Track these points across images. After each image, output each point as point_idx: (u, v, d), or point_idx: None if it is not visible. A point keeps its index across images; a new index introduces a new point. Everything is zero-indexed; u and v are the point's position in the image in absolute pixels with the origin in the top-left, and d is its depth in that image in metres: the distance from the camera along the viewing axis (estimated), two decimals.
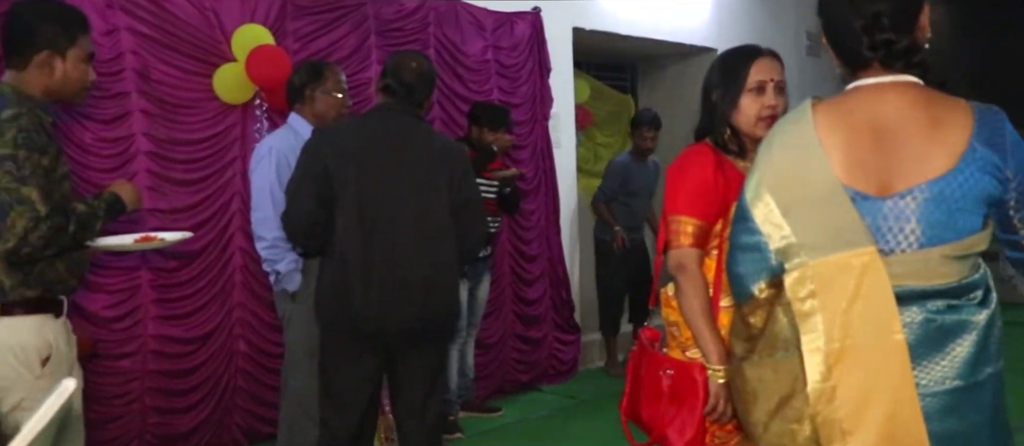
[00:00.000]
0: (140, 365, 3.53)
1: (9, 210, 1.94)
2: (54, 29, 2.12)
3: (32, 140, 1.99)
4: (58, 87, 2.15)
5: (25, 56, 2.11)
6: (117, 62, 3.41)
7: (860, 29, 1.51)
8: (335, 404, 2.67)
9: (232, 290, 3.78)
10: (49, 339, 2.11)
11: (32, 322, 2.08)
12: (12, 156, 1.96)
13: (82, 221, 2.08)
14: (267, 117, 3.71)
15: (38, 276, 2.07)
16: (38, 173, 1.98)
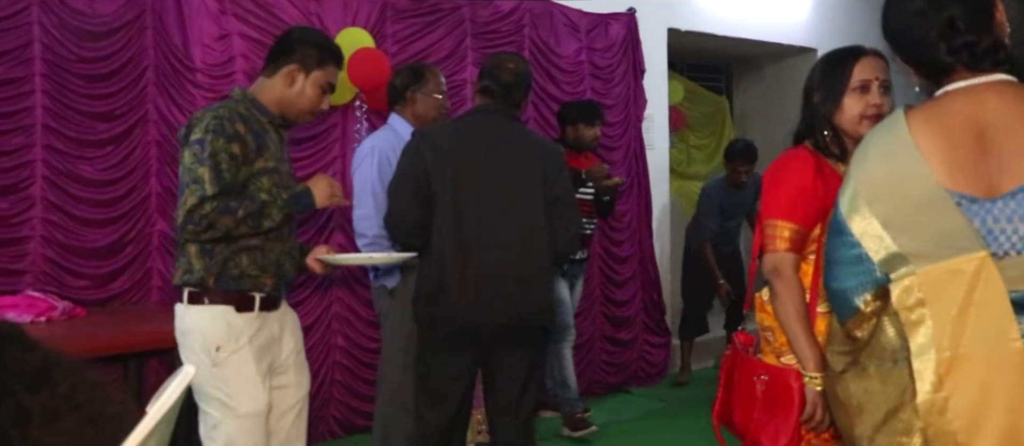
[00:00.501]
0: None
1: (185, 188, 2.11)
2: (310, 50, 2.31)
3: (223, 127, 2.13)
4: (291, 101, 2.31)
5: (277, 65, 2.31)
6: (229, 65, 3.58)
7: (936, 37, 1.46)
8: (430, 398, 2.73)
9: (331, 285, 3.91)
10: (225, 330, 2.20)
11: (213, 312, 2.20)
12: (201, 140, 2.12)
13: (256, 209, 2.15)
14: (366, 118, 3.82)
15: (221, 265, 2.19)
16: (218, 157, 2.10)
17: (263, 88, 2.33)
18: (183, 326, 2.26)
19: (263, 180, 2.22)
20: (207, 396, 2.22)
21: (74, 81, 3.29)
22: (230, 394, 2.21)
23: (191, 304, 2.22)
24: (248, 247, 2.21)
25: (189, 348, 2.24)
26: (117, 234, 3.44)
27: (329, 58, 2.36)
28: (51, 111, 3.26)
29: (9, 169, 3.20)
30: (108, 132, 3.39)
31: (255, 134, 2.21)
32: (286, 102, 2.32)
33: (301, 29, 2.49)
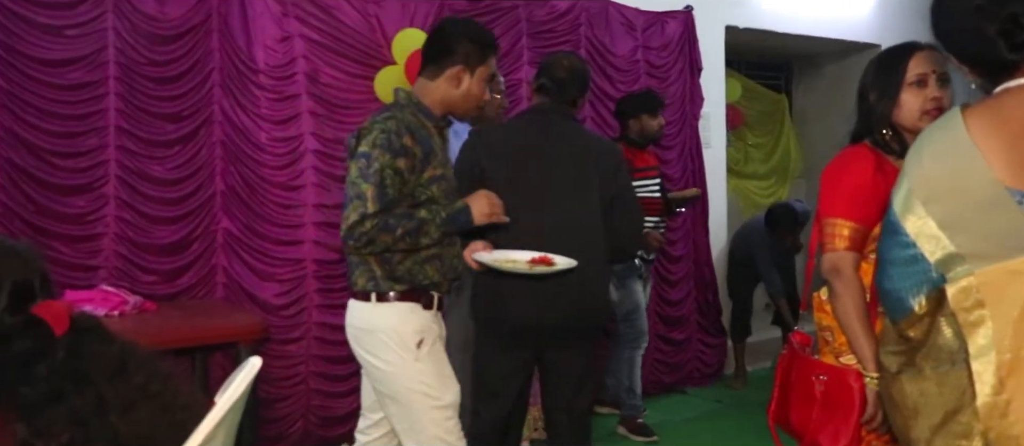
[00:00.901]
0: (305, 350, 3.78)
1: (348, 203, 2.14)
2: (471, 47, 2.30)
3: (390, 142, 2.14)
4: (458, 101, 2.33)
5: (441, 66, 2.30)
6: (290, 66, 3.67)
7: (996, 34, 1.42)
8: (486, 394, 2.77)
9: None
10: (419, 325, 2.26)
11: (402, 308, 2.25)
12: (367, 154, 2.14)
13: (414, 227, 2.17)
14: None
15: (405, 274, 2.24)
16: (383, 174, 2.12)
17: (426, 90, 2.32)
18: (371, 325, 2.28)
19: (433, 188, 2.25)
20: (407, 391, 2.25)
21: (145, 84, 3.41)
22: (432, 386, 2.25)
23: (380, 302, 2.25)
24: (429, 257, 2.26)
25: (381, 346, 2.25)
26: (184, 231, 3.55)
27: (490, 51, 2.35)
28: (123, 113, 3.38)
29: (85, 169, 3.33)
30: (176, 132, 3.50)
31: (422, 143, 2.22)
32: (452, 103, 2.33)
33: (453, 24, 2.43)
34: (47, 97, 3.22)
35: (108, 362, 1.57)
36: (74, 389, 1.50)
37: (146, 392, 1.59)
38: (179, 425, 1.61)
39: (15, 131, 3.17)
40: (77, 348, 1.54)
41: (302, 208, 3.75)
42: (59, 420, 1.46)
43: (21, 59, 3.16)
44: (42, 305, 1.55)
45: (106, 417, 1.51)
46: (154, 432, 1.56)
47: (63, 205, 3.31)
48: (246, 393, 1.67)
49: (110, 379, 1.55)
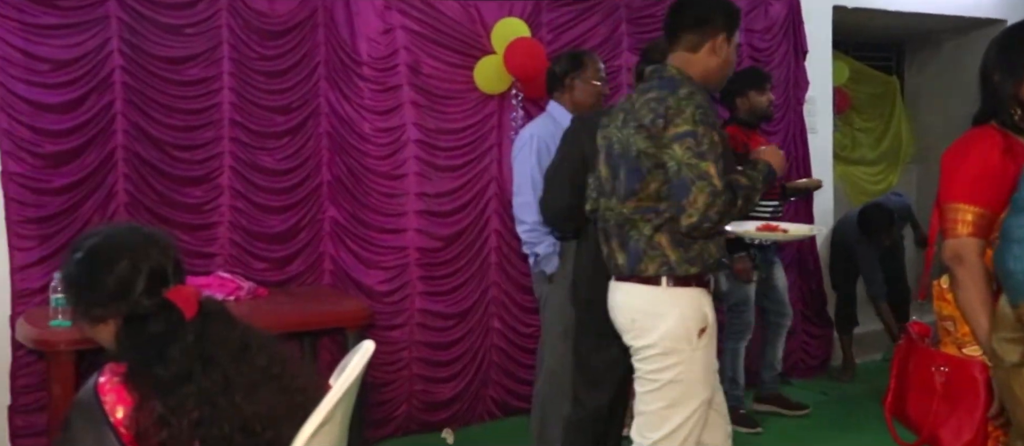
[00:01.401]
0: (408, 336, 3.87)
1: (691, 186, 2.02)
2: (727, 17, 2.24)
3: (708, 116, 2.08)
4: (716, 71, 2.25)
5: (702, 36, 2.21)
6: (392, 58, 3.74)
7: None
8: (588, 382, 2.77)
9: (488, 270, 4.02)
10: (706, 312, 2.19)
11: (695, 294, 2.17)
12: (693, 132, 2.04)
13: (747, 195, 2.12)
14: (522, 106, 3.88)
15: (697, 255, 2.16)
16: (715, 149, 2.05)
17: (689, 63, 2.22)
18: (658, 309, 2.18)
19: (728, 160, 2.20)
20: (674, 382, 2.15)
21: (256, 78, 3.54)
22: (700, 379, 2.16)
23: (675, 286, 2.15)
24: (715, 234, 2.18)
25: (664, 332, 2.15)
26: (293, 220, 3.68)
27: (737, 17, 2.29)
28: (237, 106, 3.52)
29: (202, 161, 3.49)
30: (285, 124, 3.63)
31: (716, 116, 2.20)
32: (712, 73, 2.25)
33: None
34: (168, 93, 3.39)
35: (232, 345, 1.64)
36: (202, 370, 1.58)
37: (267, 374, 1.66)
38: (298, 406, 1.68)
39: (141, 125, 3.35)
40: (204, 331, 1.62)
41: (405, 197, 3.83)
42: (190, 398, 1.54)
43: (145, 57, 3.33)
44: (174, 290, 1.64)
45: (231, 397, 1.58)
46: (275, 412, 1.63)
47: (182, 195, 3.48)
48: (361, 376, 1.72)
49: (234, 361, 1.63)
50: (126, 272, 1.61)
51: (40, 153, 3.20)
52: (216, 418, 1.55)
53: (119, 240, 1.66)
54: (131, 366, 1.56)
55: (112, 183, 3.35)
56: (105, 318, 1.63)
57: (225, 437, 1.55)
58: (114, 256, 1.62)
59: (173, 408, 1.52)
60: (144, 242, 1.67)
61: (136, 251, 1.64)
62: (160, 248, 1.68)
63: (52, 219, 3.24)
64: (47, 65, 3.17)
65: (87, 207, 3.30)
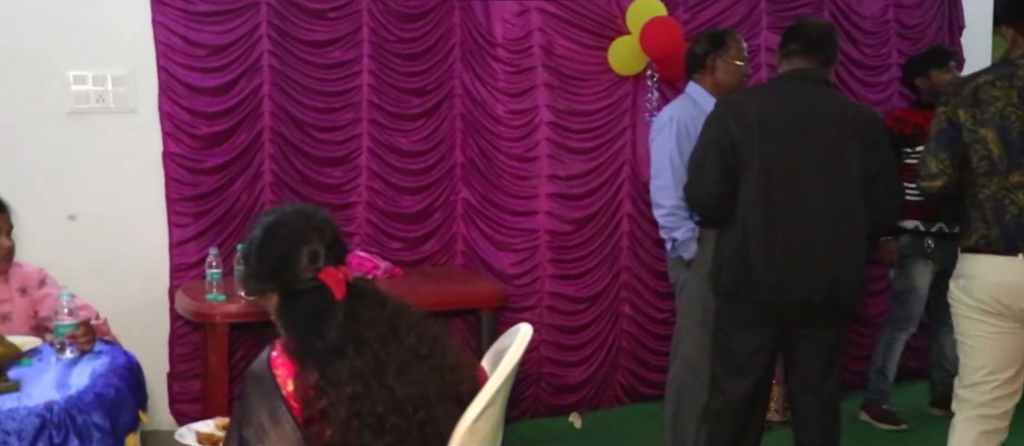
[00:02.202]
0: (537, 319, 3.86)
1: None
2: None
3: None
4: None
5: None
6: (526, 40, 3.72)
7: None
8: (729, 371, 2.69)
9: (620, 254, 3.97)
10: None
11: None
12: None
13: None
14: (657, 88, 3.79)
15: None
16: None
17: None
18: None
19: None
20: None
21: (393, 60, 3.60)
22: None
23: None
24: None
25: None
26: (427, 201, 3.73)
27: None
28: (375, 88, 3.59)
29: (341, 142, 3.58)
30: (421, 106, 3.67)
31: None
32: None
33: None
34: (311, 75, 3.48)
35: (381, 326, 1.66)
36: (353, 350, 1.60)
37: (417, 354, 1.67)
38: (450, 386, 1.68)
39: (286, 108, 3.46)
40: (354, 312, 1.64)
41: (536, 179, 3.81)
42: (343, 372, 1.57)
43: (291, 41, 3.43)
44: (326, 271, 1.67)
45: (383, 378, 1.60)
46: (427, 393, 1.64)
47: (322, 175, 3.58)
48: (519, 360, 1.71)
49: (384, 342, 1.64)
50: (285, 251, 1.67)
51: (196, 134, 3.35)
52: (369, 396, 1.57)
53: (285, 221, 1.73)
54: (291, 338, 1.61)
55: (259, 163, 3.48)
56: (264, 291, 1.71)
57: (379, 416, 1.57)
58: (278, 235, 1.70)
59: (330, 380, 1.56)
60: (306, 224, 1.72)
61: (297, 232, 1.69)
62: (319, 231, 1.72)
63: (206, 197, 3.40)
64: (204, 50, 3.32)
65: (237, 186, 3.44)
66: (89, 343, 2.26)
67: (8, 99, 3.15)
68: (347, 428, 1.54)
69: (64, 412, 1.83)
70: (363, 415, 1.56)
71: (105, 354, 2.25)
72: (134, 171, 3.33)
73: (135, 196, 3.35)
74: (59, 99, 3.21)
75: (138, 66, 3.28)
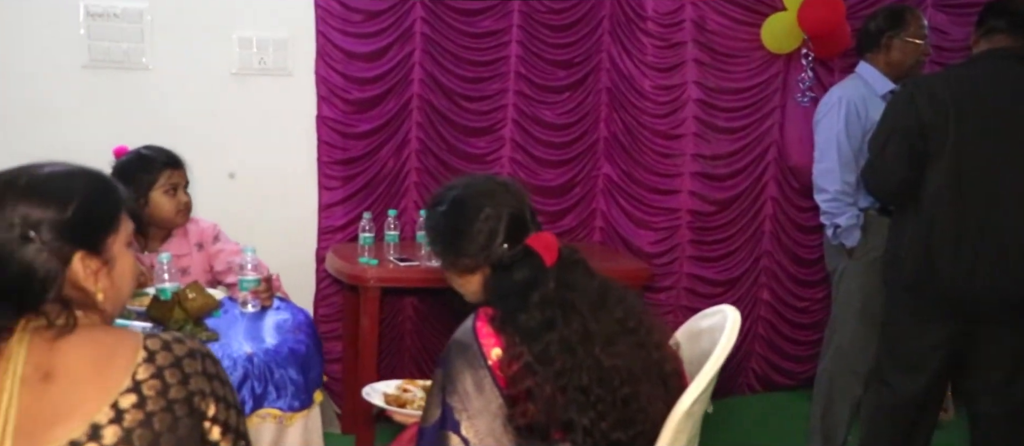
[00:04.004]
0: (674, 300, 3.80)
1: None
2: None
3: None
4: None
5: None
6: (678, 13, 3.62)
7: None
8: (902, 368, 2.56)
9: (762, 239, 3.85)
10: None
11: None
12: None
13: None
14: (812, 67, 3.64)
15: None
16: None
17: None
18: None
19: None
20: None
21: (542, 31, 3.55)
22: None
23: None
24: None
25: None
26: (568, 175, 3.69)
27: None
28: (523, 59, 3.56)
29: (487, 112, 3.57)
30: (567, 79, 3.62)
31: None
32: None
33: None
34: (461, 44, 3.47)
35: (591, 295, 1.63)
36: (562, 318, 1.57)
37: (624, 327, 1.64)
38: (654, 364, 1.64)
39: (434, 75, 3.47)
40: (565, 279, 1.61)
41: (680, 157, 3.73)
42: (553, 346, 1.54)
43: (443, 8, 3.43)
44: (534, 237, 1.65)
45: (590, 347, 1.57)
46: (632, 368, 1.60)
47: (467, 145, 3.57)
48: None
49: (593, 310, 1.61)
50: (489, 221, 1.63)
51: (348, 99, 3.39)
52: (576, 367, 1.54)
53: (478, 189, 1.68)
54: (500, 313, 1.58)
55: (407, 130, 3.50)
56: (474, 269, 1.67)
57: (583, 388, 1.54)
58: (477, 206, 1.65)
59: (538, 356, 1.53)
60: (501, 190, 1.69)
61: (496, 198, 1.66)
62: (515, 195, 1.69)
63: (355, 162, 3.44)
64: (360, 16, 3.34)
65: (385, 152, 3.47)
66: (269, 299, 2.31)
67: (178, 59, 3.24)
68: (552, 404, 1.51)
69: (263, 364, 1.88)
70: (569, 389, 1.52)
71: (284, 310, 2.30)
72: (288, 133, 3.40)
73: (288, 158, 3.42)
74: (224, 61, 3.29)
75: (297, 30, 3.33)
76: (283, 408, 1.90)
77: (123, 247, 1.21)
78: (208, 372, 1.17)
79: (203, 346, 1.20)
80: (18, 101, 3.12)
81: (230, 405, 1.20)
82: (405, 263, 3.04)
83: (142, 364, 1.11)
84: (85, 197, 1.15)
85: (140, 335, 1.16)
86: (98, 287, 1.15)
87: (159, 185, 2.47)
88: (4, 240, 1.08)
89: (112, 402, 1.07)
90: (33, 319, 1.10)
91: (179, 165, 2.57)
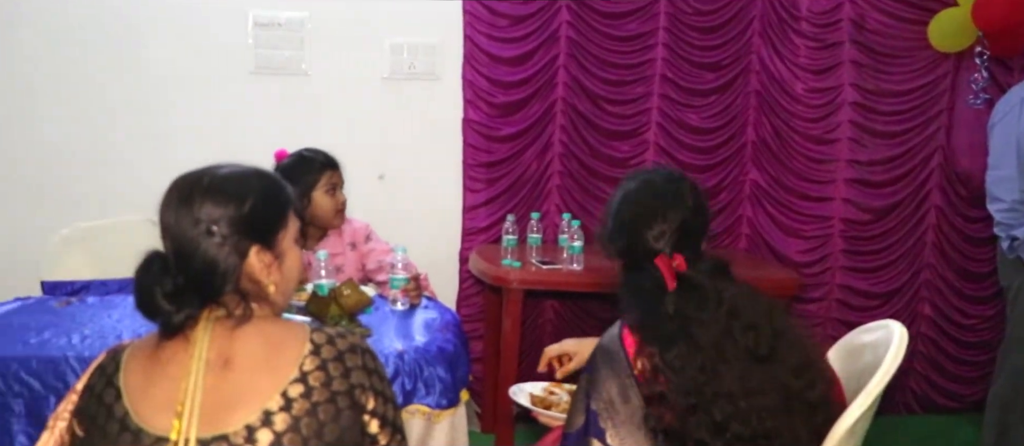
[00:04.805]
0: (825, 312, 3.63)
1: None
2: None
3: None
4: None
5: None
6: (835, 12, 3.46)
7: None
8: None
9: (923, 250, 3.62)
10: None
11: None
12: None
13: None
14: (986, 67, 3.38)
15: None
16: None
17: None
18: None
19: None
20: None
21: (689, 33, 3.48)
22: None
23: None
24: None
25: None
26: (713, 180, 3.59)
27: None
28: (668, 62, 3.50)
29: (630, 116, 3.53)
30: (714, 82, 3.53)
31: None
32: None
33: None
34: (606, 47, 3.45)
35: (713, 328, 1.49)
36: (686, 348, 1.48)
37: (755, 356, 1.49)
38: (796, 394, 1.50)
39: (579, 79, 3.46)
40: (683, 308, 1.50)
41: (834, 163, 3.56)
42: (681, 366, 1.46)
43: (589, 12, 3.42)
44: (660, 257, 1.56)
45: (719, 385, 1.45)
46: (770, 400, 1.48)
47: (610, 148, 3.54)
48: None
49: (718, 345, 1.47)
50: (632, 223, 1.60)
51: (494, 103, 3.44)
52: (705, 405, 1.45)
53: (644, 189, 1.64)
54: (633, 311, 1.55)
55: (551, 133, 3.51)
56: (610, 256, 1.65)
57: (716, 424, 1.45)
58: (633, 204, 1.62)
59: (668, 362, 1.47)
60: (659, 201, 1.61)
61: (647, 208, 1.60)
62: (673, 210, 1.59)
63: (498, 165, 3.49)
64: (506, 20, 3.39)
65: (528, 155, 3.50)
66: (418, 297, 2.37)
67: (334, 65, 3.39)
68: (684, 421, 1.45)
69: (413, 362, 1.92)
70: (701, 418, 1.45)
71: (433, 308, 2.35)
72: (435, 136, 3.48)
73: (435, 160, 3.50)
74: (376, 66, 3.42)
75: (446, 35, 3.41)
76: (431, 405, 1.94)
77: (291, 243, 1.27)
78: (368, 367, 1.21)
79: (363, 342, 1.24)
80: (193, 104, 3.36)
81: (387, 399, 1.23)
82: (547, 266, 3.04)
83: (308, 356, 1.16)
84: (259, 195, 1.22)
85: (307, 328, 1.21)
86: (270, 279, 1.21)
87: (320, 185, 2.59)
88: (191, 235, 1.16)
89: (282, 390, 1.12)
90: (215, 309, 1.17)
91: (337, 166, 2.68)
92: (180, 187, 1.20)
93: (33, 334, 2.01)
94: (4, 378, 1.83)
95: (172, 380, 1.13)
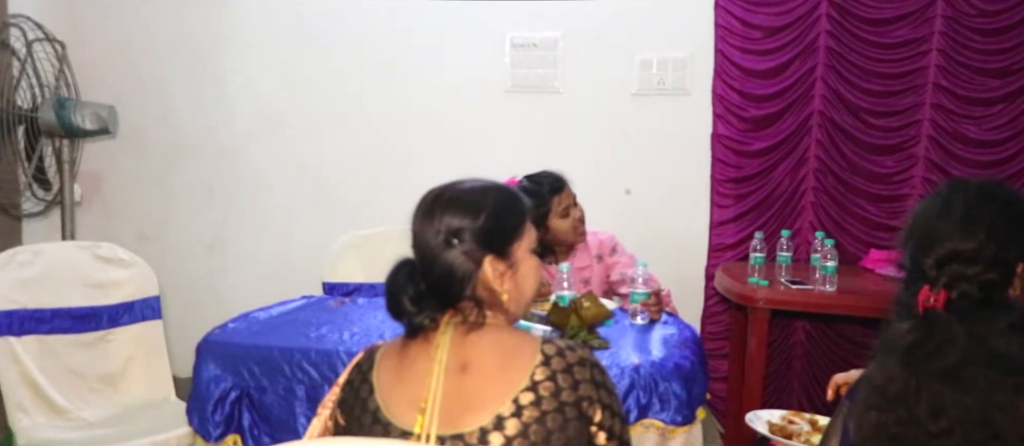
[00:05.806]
0: None
1: None
2: None
3: None
4: None
5: None
6: None
7: None
8: None
9: None
10: None
11: None
12: None
13: None
14: None
15: None
16: None
17: None
18: None
19: None
20: None
21: (970, 37, 3.16)
22: None
23: None
24: None
25: None
26: None
27: None
28: (944, 69, 3.20)
29: (897, 128, 3.28)
30: (999, 90, 3.18)
31: None
32: None
33: None
34: (870, 56, 3.23)
35: (934, 369, 1.34)
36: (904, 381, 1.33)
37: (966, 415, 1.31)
38: None
39: (838, 91, 3.28)
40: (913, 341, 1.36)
41: None
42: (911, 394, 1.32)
43: (851, 20, 3.22)
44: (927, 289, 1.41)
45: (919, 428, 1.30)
46: None
47: (872, 163, 3.31)
48: None
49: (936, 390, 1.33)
50: (918, 238, 1.46)
51: (744, 117, 3.35)
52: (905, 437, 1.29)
53: (949, 201, 1.49)
54: None
55: (805, 148, 3.35)
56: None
57: None
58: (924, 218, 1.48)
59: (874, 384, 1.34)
60: (942, 216, 1.46)
61: (930, 221, 1.46)
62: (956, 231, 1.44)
63: (748, 180, 3.39)
64: (760, 32, 3.29)
65: (780, 171, 3.36)
66: (658, 312, 2.38)
67: (584, 82, 3.49)
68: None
69: (649, 377, 1.94)
70: None
71: (672, 324, 2.35)
72: (683, 151, 3.46)
73: (682, 175, 3.48)
74: (626, 82, 3.47)
75: (697, 50, 3.38)
76: (665, 421, 1.94)
77: (527, 253, 1.34)
78: (596, 380, 1.24)
79: (592, 355, 1.28)
80: (454, 118, 3.62)
81: (615, 413, 1.26)
82: (797, 286, 2.91)
83: (539, 366, 1.22)
84: (495, 207, 1.30)
85: (538, 339, 1.27)
86: (504, 288, 1.28)
87: (554, 213, 2.64)
88: (433, 245, 1.27)
89: (513, 397, 1.19)
90: (455, 315, 1.27)
91: (563, 186, 2.67)
92: (426, 200, 1.32)
93: (313, 329, 2.29)
94: (290, 366, 2.11)
95: (417, 378, 1.24)
